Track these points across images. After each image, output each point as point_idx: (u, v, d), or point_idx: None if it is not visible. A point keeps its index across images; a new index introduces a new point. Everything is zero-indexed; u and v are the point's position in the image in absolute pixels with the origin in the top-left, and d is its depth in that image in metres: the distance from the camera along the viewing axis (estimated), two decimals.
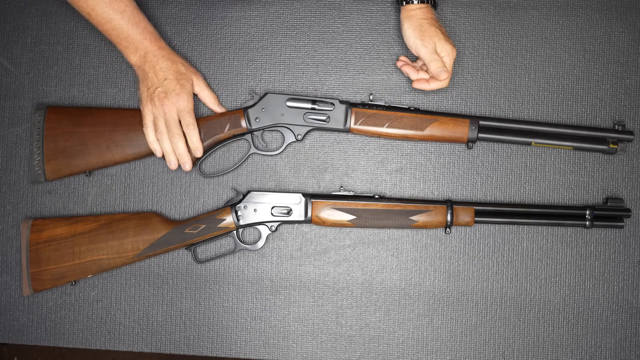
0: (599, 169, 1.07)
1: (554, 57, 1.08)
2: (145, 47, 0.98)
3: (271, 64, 1.08)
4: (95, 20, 0.97)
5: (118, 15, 0.96)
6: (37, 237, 1.01)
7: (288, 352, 1.07)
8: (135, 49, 0.98)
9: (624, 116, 1.08)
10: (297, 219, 1.02)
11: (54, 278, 1.01)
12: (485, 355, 1.06)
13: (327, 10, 1.08)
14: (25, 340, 1.08)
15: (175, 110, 0.98)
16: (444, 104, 1.08)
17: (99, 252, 1.00)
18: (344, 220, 1.01)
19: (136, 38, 0.97)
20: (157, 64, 0.98)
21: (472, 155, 1.07)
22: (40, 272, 1.01)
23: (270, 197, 1.02)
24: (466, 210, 1.02)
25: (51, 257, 1.00)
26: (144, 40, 0.98)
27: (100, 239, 1.00)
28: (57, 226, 1.01)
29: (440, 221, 1.01)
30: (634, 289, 1.07)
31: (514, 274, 1.07)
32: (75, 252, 1.00)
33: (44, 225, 1.01)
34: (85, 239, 1.00)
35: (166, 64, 0.98)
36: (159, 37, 1.00)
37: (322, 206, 1.01)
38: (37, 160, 1.01)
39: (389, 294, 1.07)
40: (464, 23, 1.08)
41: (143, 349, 1.08)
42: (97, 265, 1.01)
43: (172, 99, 0.97)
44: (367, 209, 1.01)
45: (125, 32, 0.97)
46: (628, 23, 1.08)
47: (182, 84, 0.99)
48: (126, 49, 0.98)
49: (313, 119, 1.03)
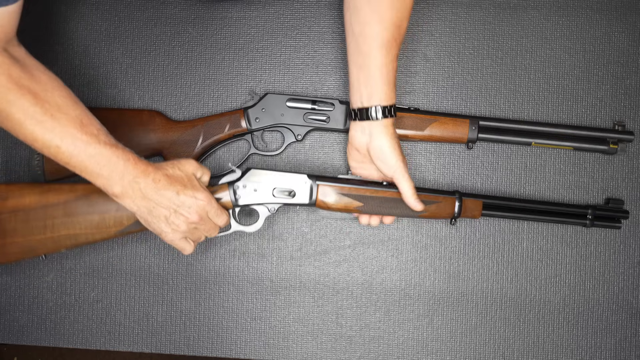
0: (599, 169, 1.07)
1: (554, 57, 1.08)
2: (132, 171, 0.83)
3: (271, 64, 1.08)
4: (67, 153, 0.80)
5: (93, 139, 0.81)
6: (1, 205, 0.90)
7: (288, 353, 1.07)
8: (121, 176, 0.83)
9: (624, 116, 1.08)
10: (301, 202, 0.96)
11: (22, 251, 0.91)
12: (485, 355, 1.06)
13: (327, 11, 1.08)
14: (25, 340, 1.08)
15: (205, 212, 0.88)
16: (444, 104, 1.08)
17: (75, 226, 0.90)
18: (350, 206, 0.96)
19: (118, 163, 0.83)
20: (155, 184, 0.84)
21: (472, 155, 1.07)
22: (5, 244, 0.90)
23: (273, 176, 0.96)
24: (474, 202, 1.00)
25: (18, 229, 0.90)
26: (127, 163, 0.83)
27: (78, 211, 0.90)
28: (25, 194, 0.91)
29: (448, 212, 0.98)
30: (634, 290, 1.07)
31: (514, 274, 1.07)
32: (48, 225, 0.90)
33: (8, 191, 0.91)
34: (59, 210, 0.90)
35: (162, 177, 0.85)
36: (137, 156, 0.86)
37: (328, 190, 0.96)
38: (37, 160, 1.01)
39: (389, 295, 1.07)
40: (464, 23, 1.08)
41: (143, 349, 1.08)
42: (73, 239, 0.91)
43: (197, 208, 0.87)
44: (374, 196, 0.96)
45: (105, 159, 0.82)
46: (628, 23, 1.08)
47: (192, 184, 0.87)
48: (109, 179, 0.83)
49: (313, 119, 1.03)
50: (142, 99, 1.08)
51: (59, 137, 0.80)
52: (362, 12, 0.86)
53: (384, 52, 0.87)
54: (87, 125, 0.82)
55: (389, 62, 0.87)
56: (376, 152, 0.91)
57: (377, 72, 0.87)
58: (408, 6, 0.87)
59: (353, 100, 0.92)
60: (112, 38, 1.09)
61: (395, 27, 0.86)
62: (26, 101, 0.78)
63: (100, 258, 1.07)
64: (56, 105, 0.80)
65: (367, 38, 0.86)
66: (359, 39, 0.87)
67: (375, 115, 0.89)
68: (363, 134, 0.91)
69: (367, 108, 0.89)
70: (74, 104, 0.82)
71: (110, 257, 1.07)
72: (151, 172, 0.85)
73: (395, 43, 0.87)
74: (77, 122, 0.81)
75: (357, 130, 0.92)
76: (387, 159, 0.91)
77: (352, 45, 0.89)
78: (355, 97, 0.91)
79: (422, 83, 1.08)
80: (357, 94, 0.90)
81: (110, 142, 0.83)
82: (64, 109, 0.81)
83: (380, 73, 0.87)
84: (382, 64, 0.87)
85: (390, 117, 0.89)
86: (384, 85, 0.88)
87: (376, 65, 0.87)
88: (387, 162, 0.91)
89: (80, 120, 0.81)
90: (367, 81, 0.88)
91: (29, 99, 0.79)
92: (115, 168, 0.83)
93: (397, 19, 0.86)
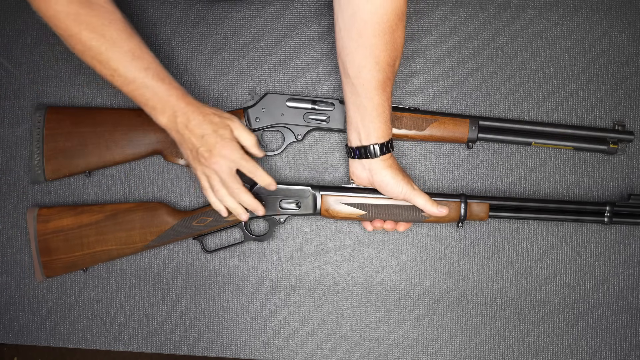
0: (599, 169, 1.07)
1: (554, 57, 1.08)
2: (173, 106, 0.90)
3: (271, 64, 1.08)
4: (119, 82, 0.89)
5: (142, 73, 0.88)
6: (44, 227, 1.00)
7: (288, 353, 1.07)
8: (163, 110, 0.90)
9: (624, 116, 1.08)
10: (306, 212, 1.00)
11: (66, 266, 1.01)
12: (485, 355, 1.06)
13: (328, 11, 1.08)
14: (25, 340, 1.08)
15: (226, 164, 0.92)
16: (444, 104, 1.08)
17: (107, 243, 1.00)
18: (355, 215, 0.99)
19: (162, 97, 0.90)
20: (189, 122, 0.90)
21: (472, 155, 1.07)
22: (52, 261, 1.00)
23: (279, 189, 1.00)
24: (480, 205, 1.00)
25: (60, 247, 1.00)
26: (170, 97, 0.90)
27: (107, 230, 1.00)
28: (63, 217, 1.00)
29: (453, 216, 0.99)
30: (634, 289, 1.07)
31: (514, 274, 1.07)
32: (84, 242, 1.00)
33: (49, 215, 1.00)
34: (92, 230, 1.00)
35: (198, 118, 0.91)
36: (185, 92, 0.92)
37: (331, 200, 0.99)
38: (37, 160, 1.01)
39: (389, 294, 1.07)
40: (464, 23, 1.08)
41: (143, 349, 1.08)
42: (107, 254, 1.01)
43: (217, 154, 0.91)
44: (378, 204, 0.98)
45: (151, 91, 0.89)
46: (628, 23, 1.08)
47: (221, 134, 0.91)
48: (153, 110, 0.90)
49: (313, 119, 1.03)
50: None
51: (113, 67, 0.88)
52: (357, 57, 0.87)
53: (380, 92, 0.89)
54: (138, 59, 0.88)
55: (384, 100, 0.90)
56: (380, 185, 0.95)
57: (373, 112, 0.90)
58: (400, 45, 0.88)
59: (351, 139, 0.94)
60: None
61: (390, 67, 0.88)
62: (84, 36, 0.86)
63: None
64: (111, 39, 0.87)
65: (362, 81, 0.88)
66: (354, 81, 0.89)
67: (374, 153, 0.92)
68: (363, 170, 0.95)
69: (366, 147, 0.92)
70: (128, 37, 0.88)
71: None
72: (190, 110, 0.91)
73: (389, 82, 0.90)
74: (129, 55, 0.88)
75: (357, 168, 0.95)
76: (393, 190, 0.94)
77: (348, 86, 0.91)
78: (352, 135, 0.93)
79: (422, 83, 1.08)
80: (355, 133, 0.93)
81: (159, 76, 0.90)
82: (119, 42, 0.87)
83: (376, 113, 0.90)
84: (378, 104, 0.89)
85: (387, 152, 0.92)
86: (381, 123, 0.91)
87: (373, 106, 0.89)
88: (394, 192, 0.94)
89: (132, 53, 0.88)
90: (363, 121, 0.91)
91: (87, 34, 0.86)
92: (159, 101, 0.90)
93: (391, 59, 0.88)
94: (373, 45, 0.86)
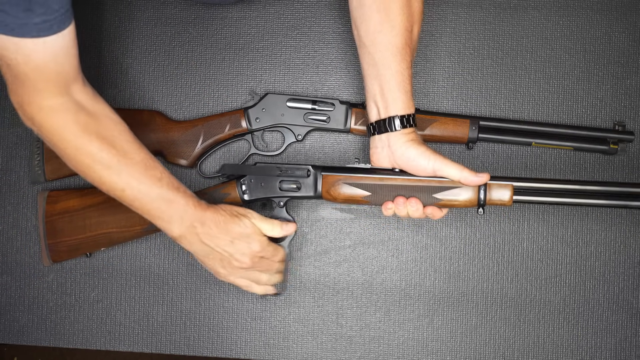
0: (599, 169, 1.07)
1: (554, 57, 1.08)
2: (191, 216, 0.84)
3: (271, 64, 1.08)
4: (130, 196, 0.83)
5: (157, 184, 0.83)
6: (52, 208, 1.00)
7: (288, 353, 1.07)
8: (181, 220, 0.84)
9: (624, 116, 1.08)
10: (306, 194, 0.94)
11: (70, 250, 1.01)
12: (485, 355, 1.06)
13: (328, 11, 1.08)
14: (26, 340, 1.08)
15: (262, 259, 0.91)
16: (444, 104, 1.08)
17: (108, 225, 0.98)
18: (358, 197, 0.91)
19: (179, 207, 0.84)
20: (211, 231, 0.86)
21: (472, 155, 1.07)
22: (57, 243, 1.00)
23: (278, 166, 0.96)
24: (502, 186, 0.88)
25: (65, 229, 0.99)
26: (187, 207, 0.84)
27: (108, 212, 0.98)
28: (70, 198, 1.00)
29: (469, 199, 0.88)
30: (634, 290, 1.07)
31: (514, 274, 1.07)
32: (87, 224, 0.99)
33: (58, 197, 1.00)
34: (94, 211, 0.99)
35: (220, 225, 0.86)
36: (197, 198, 0.87)
37: (333, 180, 0.92)
38: (37, 160, 1.01)
39: (389, 295, 1.07)
40: (464, 23, 1.08)
41: (143, 350, 1.08)
42: (108, 238, 0.99)
43: (250, 254, 0.89)
44: (384, 184, 0.89)
45: (166, 204, 0.83)
46: (628, 23, 1.08)
47: (246, 233, 0.88)
48: (169, 223, 0.85)
49: (313, 119, 1.03)
50: (142, 99, 1.08)
51: (125, 180, 0.82)
52: (372, 22, 0.84)
53: (399, 59, 0.85)
54: (151, 169, 0.83)
55: (403, 69, 0.85)
56: (406, 162, 0.88)
57: (392, 81, 0.85)
58: (417, 11, 0.86)
59: (370, 114, 0.89)
60: (112, 38, 1.09)
61: (407, 32, 0.85)
62: (94, 147, 0.80)
63: (100, 258, 1.07)
64: (122, 150, 0.82)
65: (379, 46, 0.85)
66: (371, 49, 0.85)
67: (394, 126, 0.86)
68: (383, 148, 0.88)
69: (385, 119, 0.87)
70: (139, 148, 0.84)
71: (111, 257, 1.07)
72: (208, 217, 0.86)
73: (408, 49, 0.86)
74: (141, 166, 0.83)
75: (377, 147, 0.89)
76: (419, 164, 0.87)
77: (365, 57, 0.87)
78: (372, 109, 0.88)
79: (422, 83, 1.08)
80: (374, 106, 0.88)
81: (173, 185, 0.85)
82: (130, 153, 0.82)
83: (395, 81, 0.85)
84: (396, 71, 0.85)
85: (409, 126, 0.86)
86: (401, 93, 0.85)
87: (391, 73, 0.85)
88: (421, 166, 0.87)
89: (145, 164, 0.83)
90: (382, 92, 0.86)
91: (97, 145, 0.80)
92: (175, 212, 0.84)
93: (409, 23, 0.85)
94: (388, 8, 0.83)
